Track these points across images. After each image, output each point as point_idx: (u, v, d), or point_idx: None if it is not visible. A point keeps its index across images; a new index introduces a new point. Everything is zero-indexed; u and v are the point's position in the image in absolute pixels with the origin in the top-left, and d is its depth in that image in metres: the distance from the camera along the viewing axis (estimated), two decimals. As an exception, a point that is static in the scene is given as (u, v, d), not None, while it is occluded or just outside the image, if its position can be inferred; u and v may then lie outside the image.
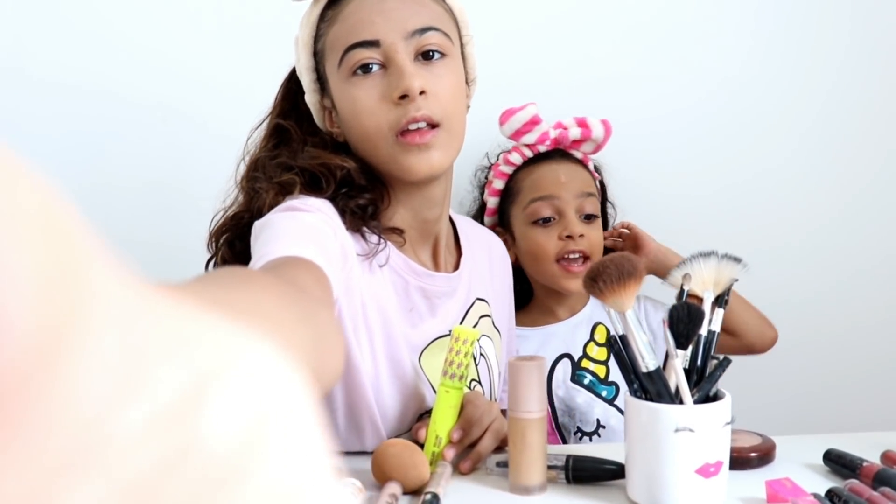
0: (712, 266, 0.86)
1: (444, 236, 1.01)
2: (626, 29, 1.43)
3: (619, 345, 0.81)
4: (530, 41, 1.43)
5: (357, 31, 0.87)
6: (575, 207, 1.21)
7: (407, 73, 0.85)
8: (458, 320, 1.00)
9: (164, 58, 1.40)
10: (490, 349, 1.03)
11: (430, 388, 0.95)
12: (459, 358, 0.89)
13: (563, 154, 1.27)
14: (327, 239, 0.80)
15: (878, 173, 1.45)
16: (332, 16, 0.90)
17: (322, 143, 0.93)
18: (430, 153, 0.87)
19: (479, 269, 1.06)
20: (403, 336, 0.93)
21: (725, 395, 0.79)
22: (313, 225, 0.80)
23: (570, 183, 1.22)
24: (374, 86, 0.87)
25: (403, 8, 0.87)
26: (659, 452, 0.75)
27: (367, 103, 0.87)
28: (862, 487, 0.77)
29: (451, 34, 0.91)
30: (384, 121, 0.87)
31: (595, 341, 1.26)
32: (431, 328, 0.97)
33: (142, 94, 1.40)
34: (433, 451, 0.89)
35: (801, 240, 1.46)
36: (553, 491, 0.84)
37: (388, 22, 0.86)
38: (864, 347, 1.46)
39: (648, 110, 1.42)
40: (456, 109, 0.90)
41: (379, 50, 0.86)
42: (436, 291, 0.97)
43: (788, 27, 1.44)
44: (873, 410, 1.42)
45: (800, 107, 1.44)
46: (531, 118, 1.24)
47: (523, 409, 0.82)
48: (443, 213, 0.98)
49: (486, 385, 1.03)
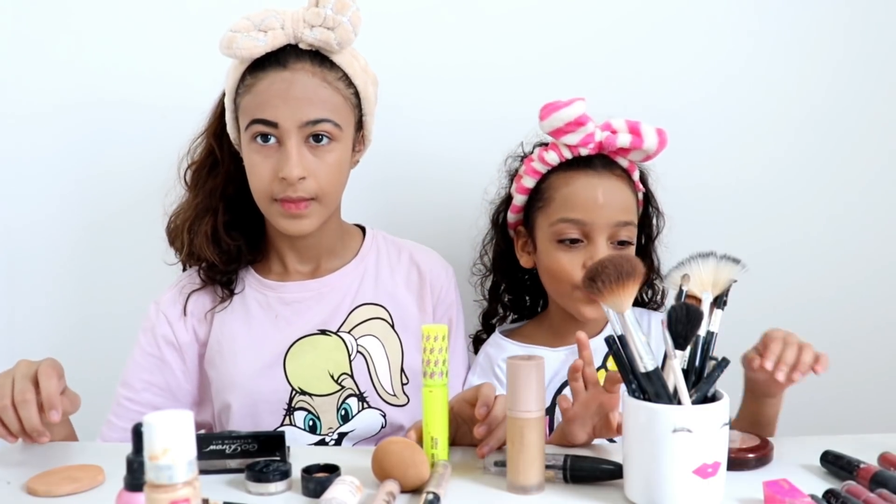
0: (711, 267, 0.86)
1: (328, 248, 1.18)
2: (626, 28, 1.43)
3: (618, 345, 0.81)
4: (545, 37, 1.43)
5: (262, 109, 1.05)
6: (608, 235, 1.10)
7: (292, 161, 1.04)
8: (329, 321, 1.15)
9: (164, 60, 1.41)
10: (377, 349, 1.15)
11: (288, 384, 1.13)
12: (434, 356, 0.90)
13: (606, 162, 1.14)
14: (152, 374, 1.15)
15: (878, 175, 1.45)
16: (250, 83, 1.07)
17: (234, 174, 1.15)
18: (301, 220, 1.08)
19: (379, 279, 1.19)
20: (268, 340, 1.14)
21: (724, 395, 0.80)
22: (146, 368, 1.15)
23: (608, 207, 1.10)
24: (268, 156, 1.06)
25: (304, 99, 1.05)
26: (657, 453, 0.76)
27: (260, 170, 1.07)
28: (859, 489, 0.77)
29: (343, 122, 1.08)
30: (269, 189, 1.07)
31: (606, 369, 1.15)
32: (296, 330, 1.15)
33: (142, 94, 1.41)
34: (431, 452, 0.90)
35: (801, 241, 1.46)
36: (551, 491, 0.84)
37: (288, 109, 1.04)
38: (863, 349, 1.46)
39: (649, 110, 1.42)
40: (333, 186, 1.09)
41: (276, 130, 1.05)
42: (293, 298, 1.16)
43: (790, 27, 1.43)
44: (871, 412, 1.43)
45: (800, 107, 1.44)
46: (577, 118, 1.10)
47: (521, 408, 0.83)
48: (322, 237, 1.16)
49: (362, 382, 1.14)
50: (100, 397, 1.18)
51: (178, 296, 1.17)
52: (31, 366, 0.94)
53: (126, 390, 1.15)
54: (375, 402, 1.14)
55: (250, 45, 1.04)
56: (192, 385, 1.17)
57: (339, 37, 1.05)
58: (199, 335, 1.16)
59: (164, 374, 1.15)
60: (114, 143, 1.43)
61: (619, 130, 1.12)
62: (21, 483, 0.89)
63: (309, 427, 1.13)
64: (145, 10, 1.41)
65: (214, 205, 1.15)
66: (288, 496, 0.85)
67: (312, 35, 1.05)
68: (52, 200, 1.45)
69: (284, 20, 1.06)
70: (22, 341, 1.47)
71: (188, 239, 1.13)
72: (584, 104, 1.11)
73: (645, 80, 1.42)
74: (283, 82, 1.04)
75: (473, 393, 0.93)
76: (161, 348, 1.15)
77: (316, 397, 1.13)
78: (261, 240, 1.19)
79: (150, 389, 1.15)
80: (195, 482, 0.59)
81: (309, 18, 1.05)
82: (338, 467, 0.87)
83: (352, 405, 1.14)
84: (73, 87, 1.42)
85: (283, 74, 1.05)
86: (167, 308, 1.16)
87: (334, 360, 1.14)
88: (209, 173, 1.16)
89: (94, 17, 1.42)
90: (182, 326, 1.16)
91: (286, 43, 1.06)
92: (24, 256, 1.46)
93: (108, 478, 0.89)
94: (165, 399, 1.15)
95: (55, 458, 0.96)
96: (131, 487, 0.68)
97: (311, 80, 1.05)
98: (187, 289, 1.17)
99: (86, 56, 1.42)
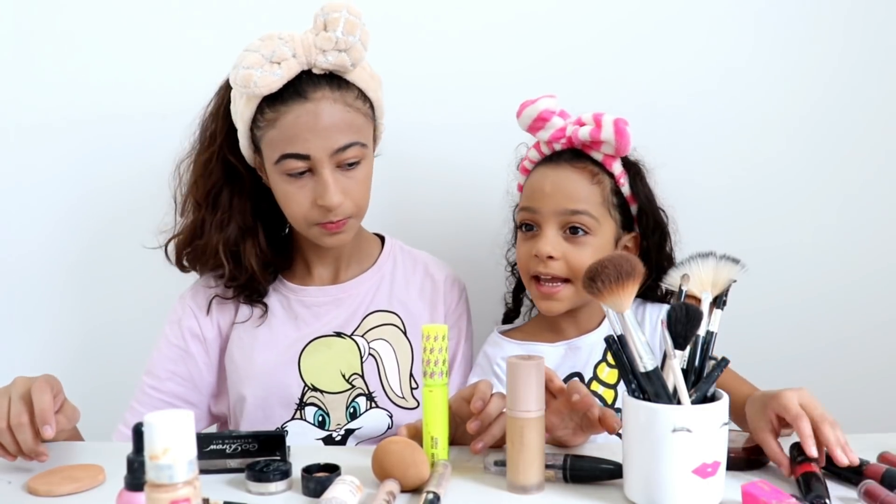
0: (711, 267, 0.86)
1: (348, 256, 1.23)
2: (625, 29, 1.43)
3: (618, 345, 0.81)
4: (545, 37, 1.43)
5: (293, 144, 1.06)
6: (557, 223, 1.11)
7: (330, 189, 1.07)
8: (345, 325, 1.19)
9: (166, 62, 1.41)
10: (388, 353, 1.18)
11: (301, 380, 1.16)
12: (435, 355, 0.90)
13: (574, 156, 1.15)
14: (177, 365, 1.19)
15: (877, 174, 1.45)
16: (271, 117, 1.07)
17: (257, 191, 1.18)
18: (341, 235, 1.13)
19: (394, 288, 1.23)
20: (286, 339, 1.18)
21: (723, 395, 0.80)
22: (171, 358, 1.19)
23: (555, 196, 1.12)
24: (302, 186, 1.09)
25: (332, 128, 1.07)
26: (656, 452, 0.76)
27: (297, 198, 1.10)
28: (878, 488, 0.76)
29: (367, 139, 1.12)
30: (309, 215, 1.11)
31: (607, 362, 1.16)
32: (313, 331, 1.19)
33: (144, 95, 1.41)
34: (432, 452, 0.90)
35: (801, 241, 1.46)
36: (550, 490, 0.84)
37: (318, 140, 1.06)
38: (863, 349, 1.46)
39: (647, 110, 1.42)
40: (366, 199, 1.14)
41: (309, 161, 1.07)
42: (313, 301, 1.20)
43: (788, 27, 1.43)
44: (870, 412, 1.43)
45: (800, 107, 1.44)
46: (539, 113, 1.15)
47: (521, 408, 0.83)
48: (347, 245, 1.19)
49: (372, 383, 1.17)
50: (101, 400, 1.20)
51: (205, 295, 1.20)
52: (26, 383, 0.93)
53: (151, 379, 1.19)
54: (383, 403, 1.16)
55: (268, 81, 1.03)
56: (214, 377, 1.21)
57: (352, 57, 1.06)
58: (223, 333, 1.21)
59: (188, 365, 1.19)
60: (116, 154, 1.44)
61: (586, 123, 1.14)
62: (22, 483, 0.89)
63: (318, 422, 1.15)
64: (143, 21, 1.42)
65: (252, 224, 1.18)
66: (288, 496, 0.85)
67: (327, 60, 1.05)
68: (54, 212, 1.45)
69: (295, 48, 1.05)
70: (24, 350, 1.47)
71: (232, 261, 1.16)
72: (550, 100, 1.15)
73: (646, 80, 1.43)
74: (308, 115, 1.05)
75: (471, 391, 0.93)
76: (186, 340, 1.19)
77: (327, 394, 1.16)
78: (288, 248, 1.23)
79: (174, 379, 1.19)
80: (195, 482, 0.59)
81: (320, 44, 1.05)
82: (338, 467, 0.87)
83: (360, 403, 1.16)
84: (76, 100, 1.44)
85: (307, 106, 1.05)
86: (193, 303, 1.21)
87: (347, 360, 1.17)
88: (232, 192, 1.17)
89: (89, 32, 1.43)
90: (208, 322, 1.20)
91: (300, 70, 1.06)
92: (26, 265, 1.47)
93: (108, 477, 0.90)
94: (188, 389, 1.19)
95: (55, 458, 0.96)
96: (132, 487, 0.68)
97: (334, 108, 1.07)
98: (214, 292, 1.20)
99: (87, 69, 1.43)
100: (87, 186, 1.45)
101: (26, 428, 0.90)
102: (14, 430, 0.90)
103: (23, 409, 0.91)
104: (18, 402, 0.91)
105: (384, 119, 1.18)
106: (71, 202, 1.45)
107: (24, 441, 0.90)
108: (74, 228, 1.46)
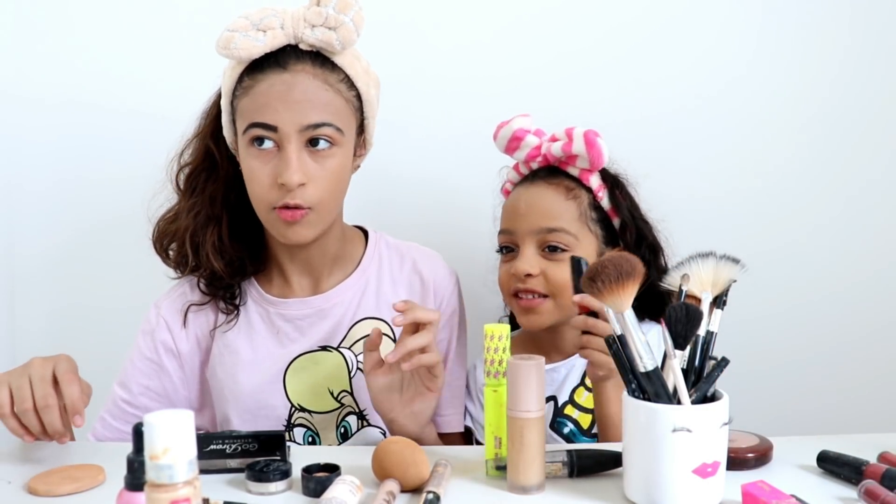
0: (711, 267, 0.86)
1: (330, 262, 1.15)
2: (625, 31, 1.44)
3: (618, 345, 0.81)
4: (534, 45, 1.43)
5: (261, 112, 1.01)
6: (535, 242, 1.11)
7: (292, 166, 1.00)
8: (331, 337, 1.13)
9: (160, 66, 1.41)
10: None
11: (287, 401, 1.12)
12: (499, 355, 0.89)
13: (549, 173, 1.15)
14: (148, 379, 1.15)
15: (879, 176, 1.45)
16: (248, 84, 1.03)
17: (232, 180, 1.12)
18: (299, 228, 1.04)
19: (381, 291, 1.16)
20: (269, 356, 1.12)
21: (723, 395, 0.80)
22: (144, 372, 1.14)
23: (530, 215, 1.11)
24: (266, 162, 1.03)
25: (305, 102, 1.01)
26: (656, 452, 0.76)
27: (258, 175, 1.03)
28: (878, 488, 0.76)
29: (344, 126, 1.05)
30: (266, 196, 1.03)
31: (585, 386, 1.15)
32: (298, 346, 1.13)
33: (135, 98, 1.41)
34: (495, 452, 0.89)
35: (801, 242, 1.46)
36: (551, 490, 0.84)
37: (288, 112, 1.00)
38: (862, 349, 1.46)
39: (648, 112, 1.42)
40: (332, 193, 1.06)
41: (276, 134, 1.01)
42: (295, 315, 1.14)
43: (791, 31, 1.43)
44: (870, 412, 1.43)
45: (801, 109, 1.44)
46: (513, 133, 1.15)
47: (522, 408, 0.83)
48: (323, 247, 1.13)
49: (363, 400, 1.12)
50: (97, 399, 1.19)
51: (180, 305, 1.15)
52: (45, 365, 0.91)
53: (123, 392, 1.15)
54: (375, 420, 1.13)
55: (249, 45, 1.00)
56: (191, 391, 1.17)
57: (341, 37, 1.01)
58: (202, 344, 1.16)
59: (162, 379, 1.15)
60: (109, 147, 1.44)
61: (559, 139, 1.13)
62: (22, 483, 0.89)
63: (308, 443, 1.13)
64: (139, 16, 1.42)
65: (218, 213, 1.12)
66: (288, 496, 0.85)
67: (314, 35, 1.01)
68: (49, 203, 1.45)
69: (284, 19, 1.02)
70: (22, 340, 1.48)
71: (192, 249, 1.10)
72: (524, 119, 1.15)
73: (644, 86, 1.43)
74: (282, 84, 1.00)
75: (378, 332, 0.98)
76: (160, 354, 1.14)
77: (315, 414, 1.12)
78: (262, 250, 1.17)
79: (147, 394, 1.15)
80: (195, 482, 0.59)
81: (310, 18, 1.01)
82: (338, 467, 0.87)
83: (351, 423, 1.13)
84: (71, 92, 1.44)
85: (283, 76, 1.01)
86: (168, 314, 1.15)
87: (335, 376, 1.13)
88: (207, 178, 1.12)
89: (85, 26, 1.43)
90: (183, 335, 1.15)
91: (286, 43, 1.02)
92: (22, 256, 1.47)
93: (108, 477, 0.89)
94: (162, 404, 1.14)
95: (56, 457, 0.96)
96: (132, 487, 0.68)
97: (311, 83, 1.01)
98: (189, 299, 1.15)
99: (82, 61, 1.44)
100: (83, 182, 1.45)
101: (54, 410, 0.89)
102: (41, 411, 0.89)
103: (49, 391, 0.89)
104: (43, 384, 0.90)
105: (375, 122, 1.13)
106: (68, 200, 1.46)
107: (52, 423, 0.89)
108: (73, 228, 1.46)
